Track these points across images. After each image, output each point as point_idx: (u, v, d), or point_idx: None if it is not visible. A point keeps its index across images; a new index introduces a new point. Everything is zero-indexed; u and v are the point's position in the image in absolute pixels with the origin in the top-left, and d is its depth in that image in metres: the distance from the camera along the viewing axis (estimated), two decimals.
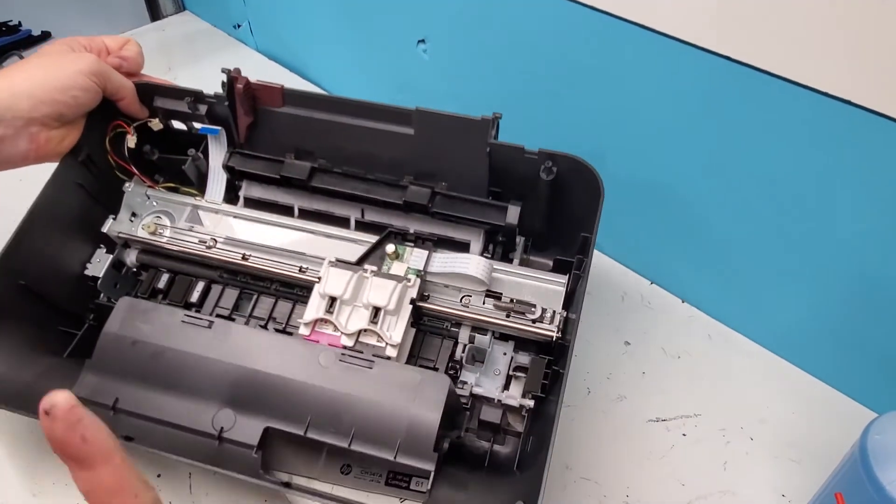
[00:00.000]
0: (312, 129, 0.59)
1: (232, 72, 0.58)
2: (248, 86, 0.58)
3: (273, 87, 0.58)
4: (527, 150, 0.54)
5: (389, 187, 0.58)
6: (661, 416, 0.60)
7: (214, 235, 0.59)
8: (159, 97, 0.60)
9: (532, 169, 0.54)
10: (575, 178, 0.54)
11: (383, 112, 0.56)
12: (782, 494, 0.55)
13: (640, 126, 0.61)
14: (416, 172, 0.59)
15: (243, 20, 1.05)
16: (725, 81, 0.52)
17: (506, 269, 0.56)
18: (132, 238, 0.59)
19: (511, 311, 0.54)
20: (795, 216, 0.55)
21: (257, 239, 0.59)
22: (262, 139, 0.62)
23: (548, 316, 0.53)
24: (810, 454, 0.58)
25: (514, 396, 0.53)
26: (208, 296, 0.60)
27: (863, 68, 0.45)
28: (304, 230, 0.59)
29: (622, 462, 0.57)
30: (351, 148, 0.59)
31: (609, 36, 0.57)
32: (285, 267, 0.57)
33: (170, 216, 0.61)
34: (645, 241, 0.70)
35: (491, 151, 0.55)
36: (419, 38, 0.77)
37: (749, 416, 0.60)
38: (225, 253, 0.58)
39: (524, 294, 0.55)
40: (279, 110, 0.59)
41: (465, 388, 0.53)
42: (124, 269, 0.61)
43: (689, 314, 0.69)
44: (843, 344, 0.59)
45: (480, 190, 0.58)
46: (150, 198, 0.62)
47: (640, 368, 0.64)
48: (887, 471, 0.40)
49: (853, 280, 0.55)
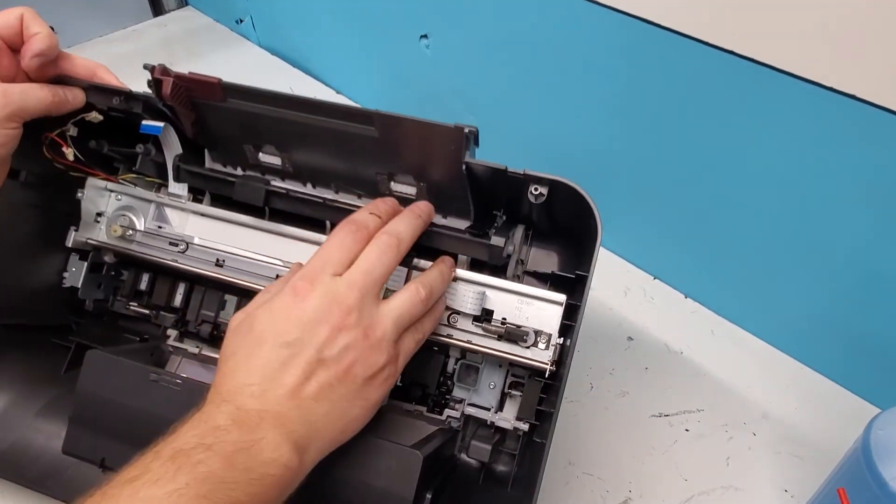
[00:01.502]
0: (263, 126, 0.50)
1: (155, 70, 0.49)
2: (179, 83, 0.49)
3: (209, 81, 0.48)
4: (510, 171, 0.44)
5: (356, 206, 0.51)
6: (663, 412, 0.60)
7: (184, 238, 0.54)
8: (91, 94, 0.51)
9: (518, 190, 0.46)
10: (569, 204, 0.45)
11: (339, 112, 0.46)
12: (785, 490, 0.55)
13: (642, 122, 0.61)
14: (387, 175, 0.50)
15: (245, 15, 1.05)
16: (729, 76, 0.52)
17: (499, 284, 0.48)
18: (102, 245, 0.56)
19: (501, 336, 0.48)
20: (799, 211, 0.55)
21: (229, 240, 0.54)
22: (212, 133, 0.53)
23: (542, 342, 0.47)
24: (813, 450, 0.58)
25: (508, 419, 0.50)
26: (191, 299, 0.57)
27: (867, 63, 0.45)
28: (277, 233, 0.54)
29: (625, 457, 0.57)
30: (310, 148, 0.50)
31: (611, 29, 0.57)
32: (260, 280, 0.53)
33: (136, 213, 0.56)
34: (648, 237, 0.70)
35: (469, 168, 0.45)
36: (421, 33, 0.76)
37: (752, 412, 0.60)
38: (197, 261, 0.54)
39: (517, 313, 0.48)
40: (223, 105, 0.49)
41: (457, 407, 0.51)
42: (104, 268, 0.59)
43: (692, 309, 0.69)
44: (847, 339, 0.59)
45: (461, 201, 0.49)
46: (112, 192, 0.56)
47: (643, 364, 0.64)
48: (890, 466, 0.40)
49: (857, 275, 0.55)
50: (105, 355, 0.48)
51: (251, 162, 0.52)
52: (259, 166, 0.52)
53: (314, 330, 0.39)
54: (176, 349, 0.57)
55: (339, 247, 0.41)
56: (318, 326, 0.39)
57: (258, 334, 0.40)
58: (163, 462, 0.33)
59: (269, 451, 0.35)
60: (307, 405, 0.38)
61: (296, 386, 0.38)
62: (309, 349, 0.39)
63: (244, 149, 0.52)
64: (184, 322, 0.58)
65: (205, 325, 0.57)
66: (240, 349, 0.40)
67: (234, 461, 0.34)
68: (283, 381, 0.38)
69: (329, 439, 0.39)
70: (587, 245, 0.43)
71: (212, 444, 0.34)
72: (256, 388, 0.38)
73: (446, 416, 0.51)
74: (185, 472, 0.33)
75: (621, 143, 0.64)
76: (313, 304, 0.39)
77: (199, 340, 0.58)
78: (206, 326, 0.57)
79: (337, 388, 0.39)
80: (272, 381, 0.38)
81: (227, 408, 0.37)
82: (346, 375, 0.39)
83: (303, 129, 0.48)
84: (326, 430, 0.39)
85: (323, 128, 0.47)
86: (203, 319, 0.57)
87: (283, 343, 0.39)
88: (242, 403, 0.37)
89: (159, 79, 0.48)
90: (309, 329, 0.39)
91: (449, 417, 0.51)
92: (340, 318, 0.39)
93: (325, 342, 0.39)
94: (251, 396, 0.37)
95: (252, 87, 0.47)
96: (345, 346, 0.39)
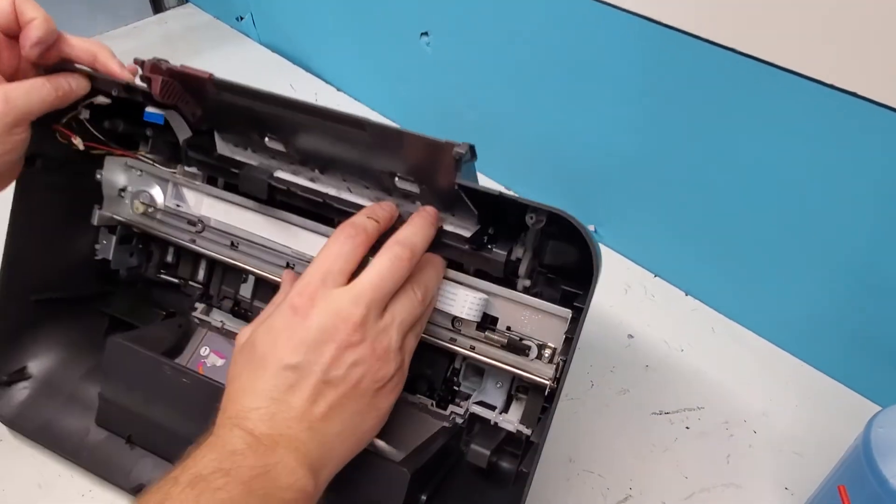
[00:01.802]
0: (261, 118, 0.48)
1: (145, 66, 0.46)
2: (169, 79, 0.47)
3: (200, 76, 0.45)
4: (504, 195, 0.41)
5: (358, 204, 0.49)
6: (664, 409, 0.60)
7: (202, 218, 0.55)
8: (94, 80, 0.50)
9: (515, 212, 0.44)
10: (566, 236, 0.43)
11: (332, 116, 0.44)
12: (785, 487, 0.55)
13: (642, 120, 0.61)
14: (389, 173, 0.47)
15: (246, 12, 1.05)
16: (729, 73, 0.52)
17: (505, 294, 0.47)
18: (126, 222, 0.58)
19: (505, 346, 0.47)
20: (799, 208, 0.55)
21: (242, 224, 0.55)
22: (216, 120, 0.52)
23: (546, 355, 0.46)
24: (813, 447, 0.58)
25: (512, 421, 0.49)
26: (213, 275, 0.60)
27: (868, 60, 0.45)
28: (287, 222, 0.54)
29: (625, 455, 0.57)
30: (310, 141, 0.49)
31: (611, 27, 0.57)
32: (271, 267, 0.54)
33: (156, 190, 0.57)
34: (648, 234, 0.70)
35: (461, 188, 0.42)
36: (422, 30, 0.76)
37: (752, 409, 0.60)
38: (212, 242, 0.56)
39: (522, 322, 0.47)
40: (218, 98, 0.48)
41: (462, 404, 0.50)
42: (133, 239, 0.61)
43: (693, 307, 0.69)
44: (847, 337, 0.59)
45: (463, 205, 0.45)
46: (132, 168, 0.57)
47: (644, 361, 0.64)
48: (890, 464, 0.40)
49: (857, 273, 0.55)
50: (124, 344, 0.51)
51: (259, 146, 0.51)
52: (268, 150, 0.51)
53: (319, 350, 0.37)
54: (202, 321, 0.59)
55: (338, 255, 0.40)
56: (323, 347, 0.37)
57: (261, 356, 0.38)
58: (182, 488, 0.33)
59: (285, 475, 0.35)
60: (319, 426, 0.37)
61: (305, 408, 0.37)
62: (315, 372, 0.37)
63: (250, 134, 0.51)
64: (208, 296, 0.60)
65: (226, 301, 0.59)
66: (244, 371, 0.39)
67: (252, 488, 0.34)
68: (292, 405, 0.37)
69: (343, 457, 0.39)
70: (585, 271, 0.41)
71: (230, 470, 0.34)
72: (264, 411, 0.37)
73: (451, 412, 0.51)
74: (205, 499, 0.32)
75: (622, 140, 0.64)
76: (316, 322, 0.38)
77: (223, 313, 0.59)
78: (227, 302, 0.59)
79: (347, 406, 0.38)
80: (280, 405, 0.37)
81: (240, 432, 0.36)
82: (356, 391, 0.38)
83: (299, 126, 0.47)
84: (340, 447, 0.38)
85: (319, 126, 0.45)
86: (224, 295, 0.59)
87: (287, 366, 0.37)
88: (253, 427, 0.36)
89: (149, 77, 0.47)
90: (313, 350, 0.37)
91: (453, 413, 0.51)
92: (346, 336, 0.37)
93: (331, 363, 0.37)
94: (260, 420, 0.36)
95: (243, 85, 0.45)
96: (352, 363, 0.38)
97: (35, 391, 0.58)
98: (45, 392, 0.58)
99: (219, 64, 0.55)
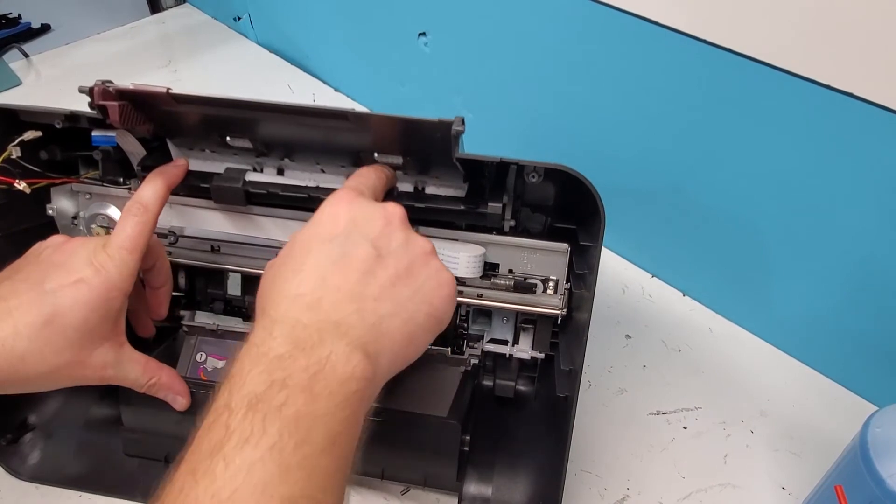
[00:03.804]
0: (225, 121, 0.46)
1: (95, 93, 0.43)
2: (125, 104, 0.44)
3: (158, 93, 0.43)
4: (505, 160, 0.43)
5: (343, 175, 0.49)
6: (661, 409, 0.60)
7: (173, 229, 0.53)
8: (25, 115, 0.48)
9: (503, 171, 0.47)
10: (569, 186, 0.45)
11: (311, 112, 0.42)
12: (782, 487, 0.55)
13: (642, 119, 0.61)
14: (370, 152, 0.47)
15: (243, 12, 1.05)
16: (725, 73, 0.52)
17: (502, 241, 0.50)
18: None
19: (509, 288, 0.50)
20: (796, 209, 0.55)
21: (220, 226, 0.53)
22: (172, 129, 0.49)
23: (550, 286, 0.49)
24: (810, 447, 0.58)
25: (525, 350, 0.53)
26: (195, 281, 0.58)
27: (865, 61, 0.45)
28: (267, 216, 0.53)
29: (623, 455, 0.57)
30: (283, 136, 0.48)
31: (610, 28, 0.57)
32: (258, 262, 0.53)
33: (113, 211, 0.54)
34: (646, 235, 0.70)
35: (461, 160, 0.44)
36: (420, 30, 0.76)
37: (749, 409, 0.60)
38: (190, 251, 0.54)
39: (522, 263, 0.50)
40: (181, 110, 0.45)
41: (476, 346, 0.54)
42: None
43: (690, 307, 0.69)
44: (844, 337, 0.59)
45: (453, 171, 0.47)
46: (78, 192, 0.54)
47: (641, 361, 0.64)
48: (887, 464, 0.40)
49: (854, 273, 0.55)
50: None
51: (218, 145, 0.49)
52: (229, 148, 0.49)
53: (368, 222, 0.36)
54: (191, 328, 0.57)
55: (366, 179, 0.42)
56: (371, 220, 0.36)
57: (302, 243, 0.36)
58: (243, 415, 0.29)
59: (341, 365, 0.32)
60: (369, 307, 0.34)
61: (354, 286, 0.34)
62: (363, 242, 0.35)
63: (209, 136, 0.49)
64: (195, 303, 0.58)
65: (217, 304, 0.58)
66: (283, 268, 0.36)
67: (314, 391, 0.30)
68: (339, 285, 0.34)
69: (397, 346, 0.35)
70: (589, 214, 0.45)
71: (285, 379, 0.30)
72: (310, 297, 0.33)
73: (468, 355, 0.53)
74: (273, 420, 0.29)
75: (619, 141, 0.64)
76: (363, 203, 0.36)
77: (214, 315, 0.58)
78: (218, 304, 0.58)
79: (399, 288, 0.35)
80: (326, 287, 0.34)
81: (281, 329, 0.32)
82: (409, 275, 0.36)
83: (271, 123, 0.46)
84: (393, 333, 0.35)
85: (295, 122, 0.44)
86: (213, 297, 0.58)
87: (332, 238, 0.35)
88: (297, 319, 0.33)
89: (104, 105, 0.43)
90: (362, 220, 0.36)
91: (470, 356, 0.53)
92: (394, 215, 0.37)
93: (379, 234, 0.35)
94: (307, 308, 0.33)
95: (206, 96, 0.43)
96: (403, 240, 0.36)
97: (44, 440, 0.55)
98: (56, 436, 0.55)
99: (216, 64, 0.55)
